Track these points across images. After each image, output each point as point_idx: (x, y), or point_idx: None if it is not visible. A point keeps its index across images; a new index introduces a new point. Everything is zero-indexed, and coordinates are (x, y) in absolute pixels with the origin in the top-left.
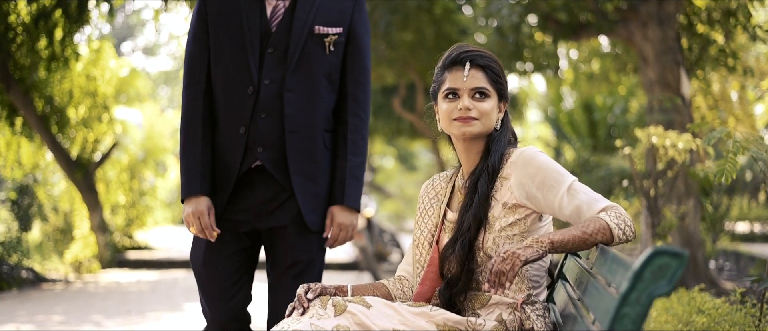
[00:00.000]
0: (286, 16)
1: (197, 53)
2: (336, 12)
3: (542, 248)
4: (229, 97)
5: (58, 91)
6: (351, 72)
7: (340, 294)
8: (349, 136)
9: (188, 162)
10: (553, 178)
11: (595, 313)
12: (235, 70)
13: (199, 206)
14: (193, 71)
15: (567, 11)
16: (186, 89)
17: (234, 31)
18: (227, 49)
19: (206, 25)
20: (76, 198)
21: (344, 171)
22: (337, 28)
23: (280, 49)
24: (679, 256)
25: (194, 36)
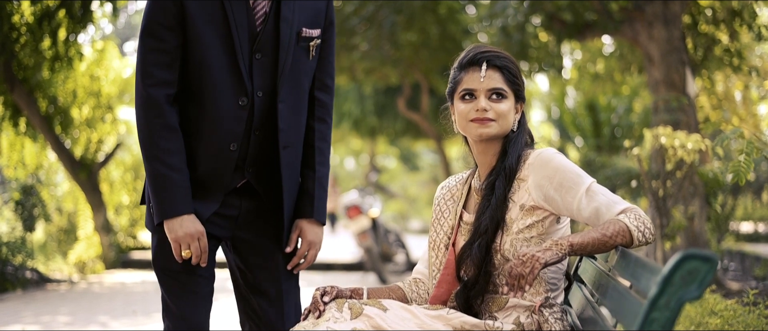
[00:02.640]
0: (271, 15)
1: (167, 49)
2: (313, 11)
3: (562, 250)
4: (216, 107)
5: (62, 91)
6: (319, 73)
7: (355, 297)
8: (317, 143)
9: (168, 175)
10: (572, 179)
11: (618, 317)
12: (223, 77)
13: (194, 226)
14: (160, 70)
15: (572, 11)
16: (148, 89)
17: (221, 29)
18: (213, 50)
19: (180, 18)
20: (79, 198)
21: (313, 182)
22: (318, 29)
23: (269, 54)
24: (709, 260)
25: (161, 26)
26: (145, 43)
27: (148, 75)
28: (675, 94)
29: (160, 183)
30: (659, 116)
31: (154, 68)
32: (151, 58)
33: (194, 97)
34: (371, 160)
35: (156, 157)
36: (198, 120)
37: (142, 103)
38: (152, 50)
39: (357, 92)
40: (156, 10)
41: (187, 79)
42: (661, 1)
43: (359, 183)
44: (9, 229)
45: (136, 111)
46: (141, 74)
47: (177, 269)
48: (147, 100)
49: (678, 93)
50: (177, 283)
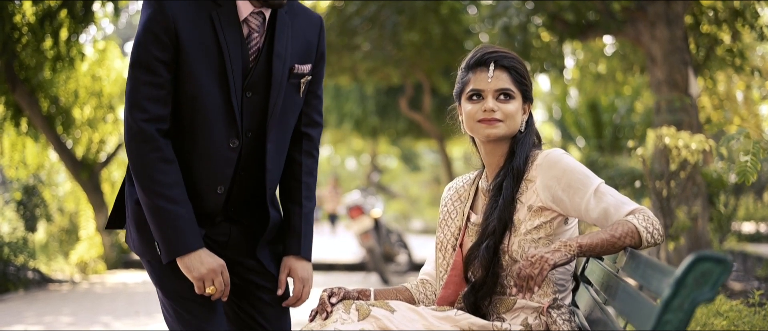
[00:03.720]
0: (263, 50)
1: (160, 83)
2: (305, 45)
3: (571, 251)
4: (206, 148)
5: (64, 91)
6: (307, 109)
7: (362, 298)
8: (304, 178)
9: (172, 210)
10: (580, 180)
11: (629, 318)
12: (215, 115)
13: (215, 260)
14: (154, 105)
15: (574, 11)
16: (140, 124)
17: (215, 64)
18: (206, 87)
19: (174, 51)
20: (81, 199)
21: (300, 218)
22: (308, 64)
23: (259, 92)
24: (722, 262)
25: (155, 59)
26: (137, 75)
27: (141, 109)
28: (678, 94)
29: (165, 219)
30: (661, 116)
31: (148, 103)
32: (145, 92)
33: (184, 135)
34: (372, 160)
35: (156, 192)
36: (186, 160)
37: (134, 137)
38: (145, 84)
39: (358, 92)
40: (150, 43)
41: (178, 116)
42: (663, 1)
43: (361, 183)
44: (11, 229)
45: (128, 145)
46: (132, 108)
47: (192, 297)
48: (139, 134)
49: (680, 93)
50: (195, 304)
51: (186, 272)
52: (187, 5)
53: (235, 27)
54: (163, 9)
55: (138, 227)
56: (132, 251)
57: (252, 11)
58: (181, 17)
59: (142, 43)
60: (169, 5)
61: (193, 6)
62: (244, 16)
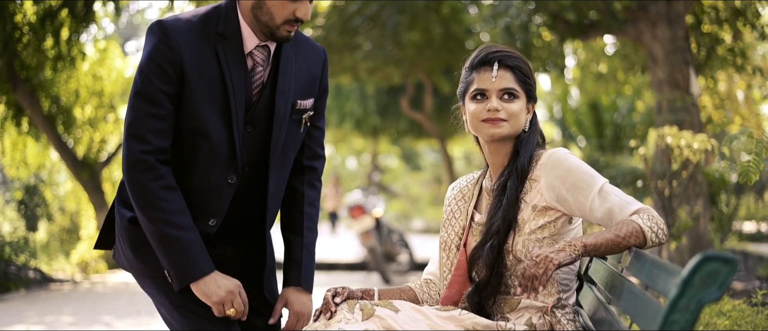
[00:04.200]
0: (267, 85)
1: (163, 115)
2: (309, 79)
3: (575, 251)
4: (203, 182)
5: (65, 91)
6: (310, 142)
7: (366, 298)
8: (306, 209)
9: (180, 237)
10: (584, 180)
11: (635, 318)
12: (216, 150)
13: (231, 282)
14: (156, 137)
15: (575, 11)
16: (141, 155)
17: (218, 98)
18: (209, 120)
19: (179, 84)
20: (82, 198)
21: (301, 249)
22: (311, 98)
23: (260, 127)
24: (729, 262)
25: (159, 91)
26: (139, 106)
27: (143, 140)
28: (679, 93)
29: (174, 246)
30: (663, 116)
31: (150, 134)
32: (148, 124)
33: (181, 167)
34: (373, 159)
35: (162, 220)
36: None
37: (133, 167)
38: (148, 115)
39: (359, 92)
40: (154, 74)
41: (177, 147)
42: (664, 1)
43: (361, 183)
44: (12, 229)
45: (127, 175)
46: (134, 138)
47: (204, 313)
48: (139, 164)
49: (682, 93)
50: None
51: (204, 298)
52: (193, 38)
53: (240, 61)
54: (169, 41)
55: (134, 246)
56: (123, 269)
57: (257, 44)
58: (187, 50)
59: (145, 73)
60: (176, 37)
61: (199, 38)
62: (250, 49)
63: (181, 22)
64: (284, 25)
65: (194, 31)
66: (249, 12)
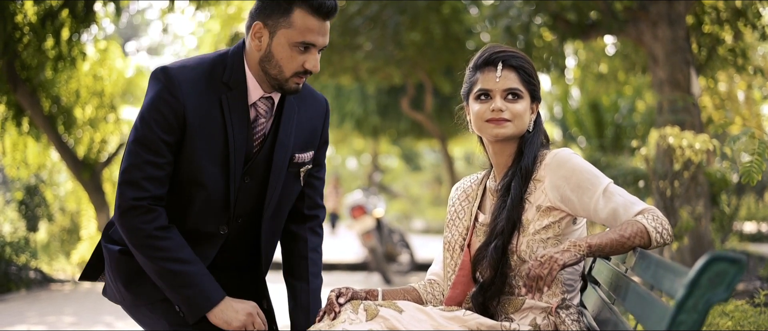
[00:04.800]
0: (269, 138)
1: (162, 165)
2: (309, 131)
3: (580, 251)
4: (194, 232)
5: (65, 91)
6: (310, 189)
7: (370, 298)
8: (310, 255)
9: (185, 271)
10: (589, 180)
11: (640, 319)
12: (211, 200)
13: (247, 303)
14: (153, 185)
15: (576, 11)
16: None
17: (218, 147)
18: (207, 172)
19: (180, 135)
20: (82, 198)
21: (307, 295)
22: (310, 151)
23: (257, 179)
24: (736, 262)
25: (160, 141)
26: (138, 153)
27: (139, 187)
28: (680, 94)
29: (180, 280)
30: (664, 116)
31: (146, 182)
32: (146, 172)
33: (174, 214)
34: (374, 160)
35: (162, 258)
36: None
37: (127, 213)
38: (147, 163)
39: (360, 92)
40: (156, 122)
41: (173, 195)
42: (665, 1)
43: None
44: (12, 229)
45: (121, 220)
46: (129, 185)
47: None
48: (133, 210)
49: (683, 93)
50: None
51: (225, 325)
52: (198, 87)
53: (243, 113)
54: (173, 90)
55: (127, 278)
56: (114, 302)
57: (262, 95)
58: (192, 100)
59: (147, 121)
60: (181, 87)
61: (204, 88)
62: (254, 100)
63: (187, 70)
64: (293, 77)
65: (200, 80)
66: (256, 64)
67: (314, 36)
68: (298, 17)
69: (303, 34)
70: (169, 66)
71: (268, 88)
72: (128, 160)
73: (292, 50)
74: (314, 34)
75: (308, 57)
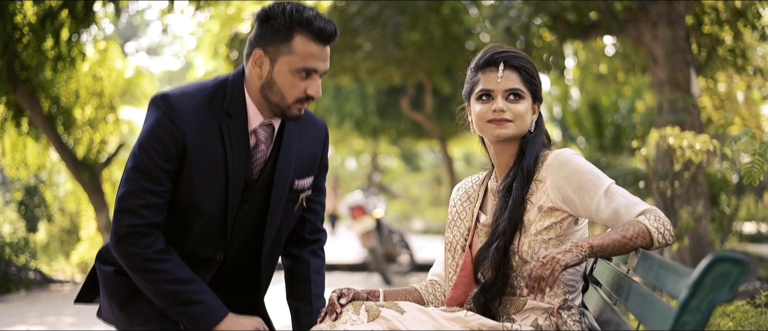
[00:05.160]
0: (269, 164)
1: (161, 192)
2: (309, 157)
3: (582, 252)
4: (192, 255)
5: (65, 91)
6: (311, 214)
7: (372, 299)
8: (313, 277)
9: (187, 290)
10: (590, 181)
11: (643, 320)
12: (208, 228)
13: (252, 318)
14: (151, 212)
15: (576, 11)
16: (132, 228)
17: (217, 175)
18: (205, 199)
19: (180, 162)
20: (82, 199)
21: (310, 315)
22: (310, 177)
23: (255, 205)
24: (740, 263)
25: (159, 169)
26: (136, 181)
27: (135, 214)
28: (680, 94)
29: (182, 299)
30: (664, 117)
31: (144, 210)
32: (144, 199)
33: (172, 240)
34: (373, 160)
35: (164, 280)
36: None
37: (123, 239)
38: (145, 191)
39: (359, 92)
40: (155, 151)
41: (170, 220)
42: (665, 1)
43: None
44: (12, 229)
45: (117, 249)
46: (126, 212)
47: None
48: (128, 237)
49: (683, 93)
50: None
51: None
52: (199, 115)
53: (243, 140)
54: (174, 118)
55: (122, 298)
56: (108, 323)
57: (262, 122)
58: (192, 128)
59: (146, 149)
60: (182, 114)
61: (204, 116)
62: (254, 126)
63: (187, 97)
64: (296, 104)
65: (200, 107)
66: (257, 91)
67: (316, 62)
68: (299, 43)
69: (304, 60)
70: (169, 93)
71: (268, 115)
72: (126, 187)
73: (294, 77)
74: (316, 59)
75: (310, 83)
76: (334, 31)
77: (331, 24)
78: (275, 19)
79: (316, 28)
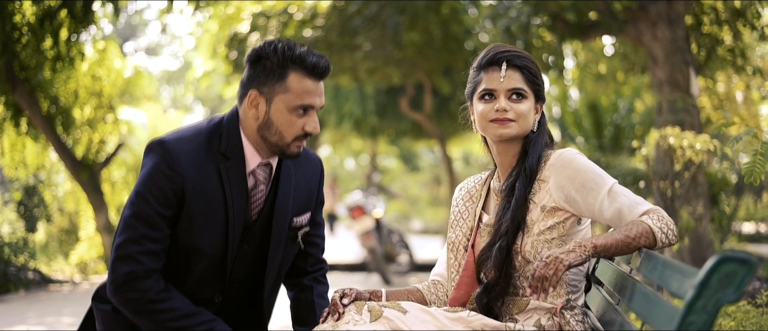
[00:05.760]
0: (267, 205)
1: (160, 238)
2: (306, 194)
3: (585, 252)
4: (192, 295)
5: (64, 91)
6: (312, 248)
7: (374, 299)
8: (316, 300)
9: (198, 322)
10: (593, 180)
11: (648, 320)
12: (208, 270)
13: None
14: (149, 259)
15: (576, 11)
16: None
17: (216, 218)
18: (204, 241)
19: (179, 207)
20: (81, 199)
21: None
22: (307, 213)
23: (254, 245)
24: (746, 263)
25: (158, 216)
26: (135, 227)
27: (135, 261)
28: (680, 94)
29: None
30: (663, 117)
31: (143, 256)
32: (143, 246)
33: (171, 282)
34: (372, 160)
35: (170, 318)
36: None
37: (121, 287)
38: (144, 237)
39: (358, 92)
40: (153, 197)
41: (169, 262)
42: (664, 1)
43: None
44: (11, 229)
45: (116, 297)
46: (123, 260)
47: None
48: (126, 284)
49: (682, 93)
50: None
51: None
52: (197, 159)
53: (241, 182)
54: (172, 163)
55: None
56: None
57: (260, 162)
58: (190, 172)
59: (145, 196)
60: (180, 160)
61: (202, 160)
62: (252, 167)
63: (184, 141)
64: (295, 142)
65: (198, 152)
66: (254, 132)
67: (312, 98)
68: (293, 81)
69: (301, 97)
70: (166, 138)
71: (266, 155)
72: (124, 234)
73: (292, 114)
74: (312, 95)
75: (308, 120)
76: (327, 66)
77: (323, 59)
78: (267, 59)
79: (309, 64)
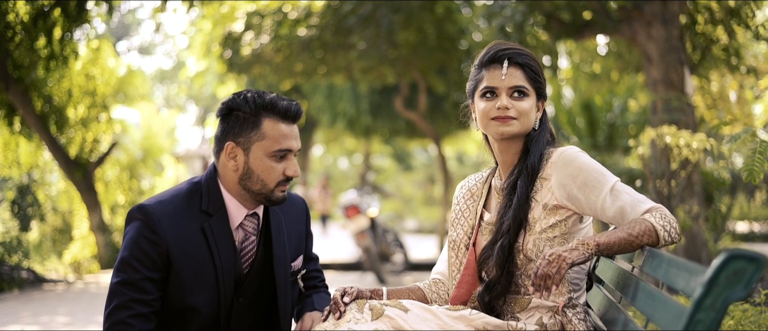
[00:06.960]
0: (258, 257)
1: (149, 301)
2: (296, 235)
3: (588, 250)
4: None
5: (57, 90)
6: (313, 280)
7: (375, 298)
8: (314, 293)
9: None
10: (596, 178)
11: (653, 318)
12: (204, 323)
13: None
14: (140, 322)
15: (570, 10)
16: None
17: (206, 276)
18: (195, 299)
19: (166, 270)
20: (75, 198)
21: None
22: (301, 255)
23: (250, 296)
24: (755, 260)
25: (145, 280)
26: (124, 293)
27: (126, 325)
28: (675, 93)
29: None
30: (658, 116)
31: (134, 320)
32: (134, 309)
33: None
34: (366, 159)
35: None
36: None
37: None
38: (134, 301)
39: (352, 91)
40: (138, 262)
41: (167, 323)
42: (659, 1)
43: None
44: (4, 229)
45: None
46: (116, 324)
47: None
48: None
49: (677, 92)
50: None
51: None
52: (178, 220)
53: (227, 239)
54: (153, 227)
55: None
56: None
57: (246, 214)
58: (172, 234)
59: (129, 262)
60: (161, 222)
61: (184, 220)
62: (239, 221)
63: (164, 204)
64: (278, 187)
65: (178, 213)
66: (235, 184)
67: (288, 141)
68: (268, 127)
69: (278, 141)
70: (145, 204)
71: (251, 205)
72: (114, 301)
73: (271, 160)
74: (288, 139)
75: (287, 164)
76: (298, 109)
77: (294, 103)
78: (239, 110)
79: (281, 108)
